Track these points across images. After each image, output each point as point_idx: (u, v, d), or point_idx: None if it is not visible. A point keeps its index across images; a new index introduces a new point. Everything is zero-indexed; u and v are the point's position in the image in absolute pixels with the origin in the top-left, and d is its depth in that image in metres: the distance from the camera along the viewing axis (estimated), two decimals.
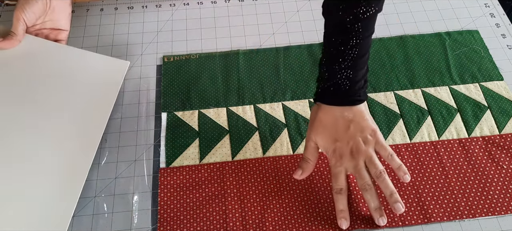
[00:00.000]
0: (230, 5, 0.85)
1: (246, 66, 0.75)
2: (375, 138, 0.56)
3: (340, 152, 0.56)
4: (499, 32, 0.80)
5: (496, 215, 0.59)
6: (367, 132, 0.56)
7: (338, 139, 0.56)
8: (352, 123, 0.56)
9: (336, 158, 0.56)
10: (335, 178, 0.56)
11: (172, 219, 0.59)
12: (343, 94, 0.57)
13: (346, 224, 0.56)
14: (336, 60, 0.56)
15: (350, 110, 0.57)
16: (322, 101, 0.58)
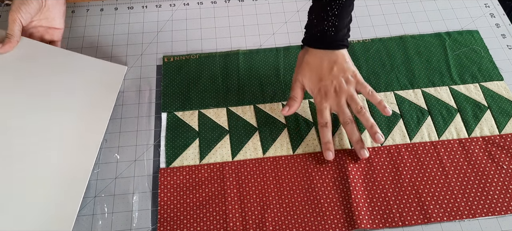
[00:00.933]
0: (230, 5, 0.85)
1: (246, 66, 0.75)
2: (355, 79, 0.63)
3: (325, 90, 0.62)
4: (499, 32, 0.80)
5: (496, 215, 0.59)
6: (348, 73, 0.63)
7: (322, 78, 0.63)
8: (335, 65, 0.63)
9: (321, 96, 0.63)
10: (320, 114, 0.63)
11: (172, 219, 0.59)
12: (329, 40, 0.63)
13: (332, 155, 0.61)
14: (324, 8, 0.62)
15: (334, 54, 0.63)
16: (310, 45, 0.64)
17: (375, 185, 0.61)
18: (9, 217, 0.55)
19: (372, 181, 0.62)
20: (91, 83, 0.67)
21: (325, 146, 0.62)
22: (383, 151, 0.65)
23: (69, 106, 0.64)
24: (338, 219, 0.59)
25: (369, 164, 0.63)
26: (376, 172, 0.63)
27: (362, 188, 0.61)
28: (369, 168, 0.63)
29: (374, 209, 0.59)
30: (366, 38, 0.79)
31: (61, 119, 0.63)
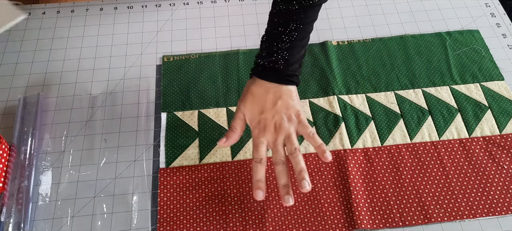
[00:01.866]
0: (230, 5, 0.85)
1: (246, 66, 0.75)
2: (298, 118, 0.59)
3: (264, 124, 0.58)
4: (499, 32, 0.80)
5: (497, 215, 0.58)
6: (292, 111, 0.59)
7: (264, 111, 0.59)
8: (280, 99, 0.59)
9: (259, 130, 0.58)
10: (256, 149, 0.57)
11: (172, 219, 0.59)
12: (278, 73, 0.60)
13: (262, 195, 0.55)
14: (275, 40, 0.59)
15: (281, 89, 0.59)
16: (258, 75, 0.61)
17: (375, 185, 0.61)
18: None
19: (373, 181, 0.62)
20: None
21: (256, 184, 0.55)
22: (384, 151, 0.65)
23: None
24: (338, 219, 0.58)
25: (370, 164, 0.63)
26: (377, 172, 0.62)
27: (362, 188, 0.61)
28: (369, 168, 0.63)
29: (374, 209, 0.59)
30: (366, 38, 0.79)
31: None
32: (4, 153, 0.61)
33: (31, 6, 0.84)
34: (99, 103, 0.70)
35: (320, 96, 0.70)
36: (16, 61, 0.75)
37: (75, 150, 0.65)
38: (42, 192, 0.61)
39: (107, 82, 0.72)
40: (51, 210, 0.60)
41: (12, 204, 0.58)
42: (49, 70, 0.74)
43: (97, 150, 0.65)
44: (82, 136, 0.66)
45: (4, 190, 0.60)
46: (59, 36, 0.79)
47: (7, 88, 0.72)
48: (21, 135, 0.64)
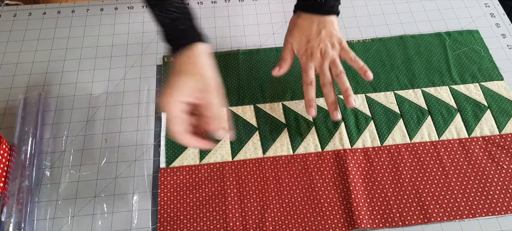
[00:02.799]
0: (230, 5, 0.85)
1: (246, 66, 0.75)
2: (340, 45, 0.65)
3: (311, 51, 0.65)
4: (499, 32, 0.80)
5: (496, 215, 0.59)
6: (334, 39, 0.65)
7: (310, 40, 0.65)
8: (324, 29, 0.65)
9: (307, 56, 0.65)
10: (305, 72, 0.65)
11: (172, 219, 0.59)
12: (320, 5, 0.65)
13: (315, 112, 0.63)
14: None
15: (324, 19, 0.65)
16: (301, 9, 0.67)
17: (375, 185, 0.61)
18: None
19: (372, 180, 0.62)
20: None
21: (308, 103, 0.63)
22: (383, 150, 0.65)
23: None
24: (338, 219, 0.58)
25: (369, 164, 0.63)
26: (376, 171, 0.63)
27: (362, 188, 0.61)
28: (369, 167, 0.63)
29: (374, 209, 0.59)
30: (366, 38, 0.79)
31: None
32: (4, 153, 0.61)
33: (31, 6, 0.84)
34: (100, 103, 0.70)
35: (320, 96, 0.70)
36: (16, 61, 0.75)
37: (75, 149, 0.65)
38: (43, 191, 0.61)
39: (107, 82, 0.73)
40: (52, 209, 0.60)
41: (13, 203, 0.58)
42: (50, 70, 0.74)
43: (98, 149, 0.65)
44: (83, 136, 0.66)
45: (5, 190, 0.60)
46: (60, 37, 0.79)
47: (8, 88, 0.72)
48: (22, 134, 0.64)
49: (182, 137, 0.53)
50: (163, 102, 0.53)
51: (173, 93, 0.53)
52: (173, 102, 0.52)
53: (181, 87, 0.53)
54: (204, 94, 0.54)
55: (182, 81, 0.54)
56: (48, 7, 0.84)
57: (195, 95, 0.54)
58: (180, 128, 0.52)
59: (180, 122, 0.53)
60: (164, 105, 0.53)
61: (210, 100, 0.54)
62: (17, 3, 0.87)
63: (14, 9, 0.83)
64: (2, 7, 0.84)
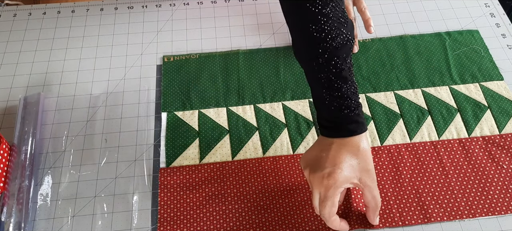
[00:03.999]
0: (230, 5, 0.85)
1: (246, 66, 0.75)
2: None
3: None
4: (499, 32, 0.80)
5: (496, 215, 0.59)
6: None
7: None
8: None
9: None
10: None
11: (172, 219, 0.59)
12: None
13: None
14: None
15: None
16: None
17: None
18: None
19: None
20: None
21: None
22: (383, 150, 0.65)
23: None
24: None
25: None
26: (376, 171, 0.63)
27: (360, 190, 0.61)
28: None
29: None
30: (366, 38, 0.79)
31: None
32: (4, 153, 0.61)
33: (31, 6, 0.84)
34: (100, 103, 0.70)
35: None
36: (16, 61, 0.75)
37: (75, 149, 0.65)
38: (43, 191, 0.61)
39: (107, 82, 0.73)
40: (52, 209, 0.60)
41: (13, 204, 0.58)
42: (50, 70, 0.74)
43: (98, 149, 0.65)
44: (83, 136, 0.66)
45: (5, 190, 0.60)
46: (60, 36, 0.79)
47: (7, 88, 0.72)
48: (22, 134, 0.64)
49: (333, 220, 0.53)
50: (330, 184, 0.51)
51: (340, 177, 0.51)
52: (339, 188, 0.52)
53: (347, 169, 0.52)
54: (365, 177, 0.53)
55: (347, 163, 0.52)
56: (48, 7, 0.84)
57: (358, 177, 0.53)
58: (333, 211, 0.53)
59: (334, 206, 0.52)
60: (329, 188, 0.51)
61: (369, 184, 0.53)
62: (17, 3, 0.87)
63: (14, 9, 0.83)
64: (2, 7, 0.84)
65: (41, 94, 0.70)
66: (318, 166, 0.53)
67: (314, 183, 0.53)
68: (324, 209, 0.52)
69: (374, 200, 0.54)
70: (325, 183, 0.52)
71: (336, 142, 0.53)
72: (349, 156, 0.52)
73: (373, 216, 0.56)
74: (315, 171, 0.53)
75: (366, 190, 0.54)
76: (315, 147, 0.55)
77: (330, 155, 0.52)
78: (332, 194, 0.52)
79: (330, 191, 0.52)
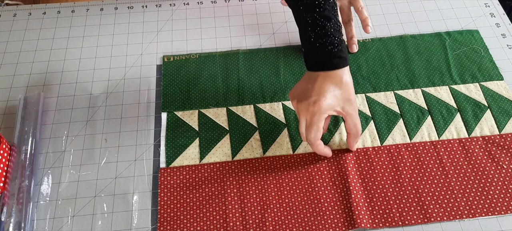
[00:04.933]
0: (230, 5, 0.85)
1: (246, 66, 0.75)
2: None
3: None
4: (499, 32, 0.80)
5: (496, 215, 0.59)
6: None
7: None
8: None
9: None
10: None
11: (172, 219, 0.59)
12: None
13: (356, 47, 0.75)
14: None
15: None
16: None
17: (375, 184, 0.61)
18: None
19: (372, 180, 0.62)
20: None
21: (351, 40, 0.74)
22: (383, 150, 0.65)
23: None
24: (338, 219, 0.58)
25: (369, 163, 0.63)
26: (376, 171, 0.63)
27: (362, 188, 0.61)
28: (369, 167, 0.63)
29: (374, 208, 0.59)
30: (366, 38, 0.79)
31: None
32: (4, 153, 0.61)
33: (31, 6, 0.84)
34: (100, 103, 0.70)
35: None
36: (16, 61, 0.75)
37: (75, 149, 0.65)
38: (43, 191, 0.61)
39: (107, 82, 0.73)
40: (52, 209, 0.60)
41: (13, 203, 0.58)
42: (50, 70, 0.74)
43: (98, 149, 0.65)
44: (83, 136, 0.67)
45: (5, 190, 0.60)
46: (60, 36, 0.79)
47: (7, 88, 0.72)
48: (22, 134, 0.64)
49: (318, 144, 0.59)
50: (315, 111, 0.57)
51: (324, 105, 0.57)
52: (323, 114, 0.57)
53: (331, 98, 0.58)
54: (347, 106, 0.59)
55: (331, 93, 0.58)
56: (48, 7, 0.84)
57: (340, 106, 0.59)
58: (318, 136, 0.58)
59: (319, 131, 0.58)
60: (314, 114, 0.57)
61: (350, 112, 0.59)
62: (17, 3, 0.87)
63: (14, 9, 0.83)
64: (2, 7, 0.84)
65: (41, 94, 0.70)
66: (305, 95, 0.59)
67: (301, 111, 0.59)
68: (310, 134, 0.58)
69: (355, 127, 0.60)
70: (310, 110, 0.57)
71: (321, 75, 0.59)
72: (332, 87, 0.58)
73: (353, 142, 0.63)
74: (302, 100, 0.59)
75: (348, 118, 0.60)
76: (303, 81, 0.61)
77: (315, 86, 0.58)
78: (317, 120, 0.57)
79: (315, 117, 0.57)
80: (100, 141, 0.66)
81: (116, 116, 0.69)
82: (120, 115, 0.69)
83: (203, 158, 0.64)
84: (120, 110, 0.69)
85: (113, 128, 0.67)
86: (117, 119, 0.68)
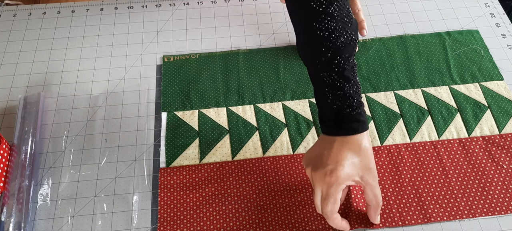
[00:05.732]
0: (230, 5, 0.85)
1: (246, 66, 0.75)
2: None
3: None
4: (499, 32, 0.80)
5: (496, 215, 0.59)
6: None
7: None
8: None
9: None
10: None
11: (172, 219, 0.59)
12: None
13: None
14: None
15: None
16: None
17: None
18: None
19: None
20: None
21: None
22: (383, 150, 0.65)
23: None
24: None
25: None
26: None
27: (362, 188, 0.61)
28: None
29: None
30: (366, 38, 0.79)
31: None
32: (4, 153, 0.61)
33: (31, 6, 0.84)
34: (100, 103, 0.70)
35: None
36: (16, 61, 0.75)
37: (75, 149, 0.65)
38: (43, 191, 0.61)
39: (107, 82, 0.73)
40: (52, 209, 0.60)
41: (13, 203, 0.58)
42: (50, 70, 0.74)
43: (98, 149, 0.65)
44: (83, 136, 0.66)
45: (5, 190, 0.60)
46: (60, 36, 0.79)
47: (7, 88, 0.72)
48: (22, 134, 0.64)
49: (335, 218, 0.53)
50: (332, 181, 0.52)
51: (342, 175, 0.52)
52: (341, 184, 0.52)
53: (349, 167, 0.52)
54: (367, 175, 0.53)
55: (349, 160, 0.52)
56: (48, 7, 0.84)
57: (359, 175, 0.53)
58: (335, 208, 0.53)
59: (336, 203, 0.53)
60: (331, 185, 0.52)
61: (370, 182, 0.54)
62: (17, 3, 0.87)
63: (14, 9, 0.83)
64: (2, 7, 0.84)
65: (41, 94, 0.70)
66: (320, 163, 0.53)
67: (316, 181, 0.53)
68: (326, 207, 0.53)
69: (375, 198, 0.55)
70: (327, 180, 0.52)
71: (338, 140, 0.53)
72: (350, 154, 0.53)
73: (374, 215, 0.56)
74: (317, 168, 0.53)
75: (367, 188, 0.54)
76: (317, 145, 0.56)
77: (332, 153, 0.53)
78: (334, 191, 0.52)
79: (332, 188, 0.52)
80: (100, 141, 0.66)
81: (116, 116, 0.69)
82: (120, 115, 0.69)
83: (203, 158, 0.64)
84: (120, 110, 0.69)
85: (113, 128, 0.67)
86: (117, 119, 0.68)
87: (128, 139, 0.66)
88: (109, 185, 0.62)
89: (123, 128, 0.67)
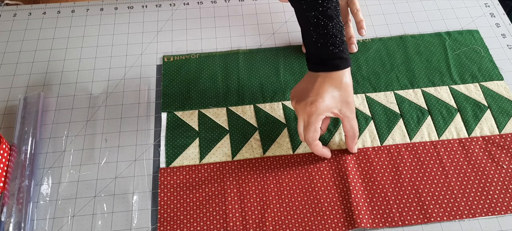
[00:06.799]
0: (230, 5, 0.85)
1: (246, 66, 0.75)
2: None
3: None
4: (499, 32, 0.80)
5: (496, 215, 0.59)
6: None
7: None
8: None
9: None
10: None
11: (172, 219, 0.59)
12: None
13: (355, 48, 0.75)
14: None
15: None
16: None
17: (375, 184, 0.61)
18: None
19: (372, 180, 0.62)
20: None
21: (350, 41, 0.74)
22: (383, 150, 0.65)
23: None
24: (338, 219, 0.59)
25: (369, 163, 0.63)
26: (376, 171, 0.63)
27: (362, 188, 0.61)
28: (369, 167, 0.63)
29: (374, 208, 0.59)
30: (366, 38, 0.79)
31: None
32: (4, 153, 0.62)
33: (31, 6, 0.84)
34: (100, 103, 0.70)
35: None
36: (16, 61, 0.75)
37: (75, 149, 0.65)
38: (43, 191, 0.61)
39: (107, 82, 0.73)
40: (52, 209, 0.60)
41: (13, 203, 0.58)
42: (50, 70, 0.74)
43: (98, 149, 0.65)
44: (83, 136, 0.67)
45: (5, 190, 0.60)
46: (60, 36, 0.79)
47: (7, 88, 0.72)
48: (22, 134, 0.64)
49: (315, 144, 0.59)
50: (312, 111, 0.57)
51: (321, 106, 0.57)
52: (320, 115, 0.58)
53: (329, 100, 0.58)
54: (345, 108, 0.59)
55: (330, 94, 0.58)
56: (48, 7, 0.84)
57: (338, 108, 0.59)
58: (315, 136, 0.59)
59: (316, 131, 0.58)
60: (311, 115, 0.58)
61: (348, 115, 0.60)
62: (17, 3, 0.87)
63: (14, 9, 0.83)
64: (2, 7, 0.84)
65: (41, 94, 0.70)
66: (303, 96, 0.59)
67: (299, 111, 0.59)
68: (308, 134, 0.59)
69: (352, 129, 0.61)
70: (307, 110, 0.58)
71: (321, 75, 0.59)
72: (332, 88, 0.58)
73: (351, 144, 0.63)
74: (301, 100, 0.59)
75: (345, 120, 0.60)
76: (303, 81, 0.61)
77: (314, 87, 0.58)
78: (314, 120, 0.58)
79: (313, 117, 0.58)
80: (100, 141, 0.66)
81: (116, 116, 0.69)
82: (120, 115, 0.69)
83: (203, 158, 0.64)
84: (120, 110, 0.69)
85: (113, 128, 0.67)
86: (117, 119, 0.68)
87: (128, 139, 0.66)
88: (109, 185, 0.62)
89: (123, 128, 0.67)
